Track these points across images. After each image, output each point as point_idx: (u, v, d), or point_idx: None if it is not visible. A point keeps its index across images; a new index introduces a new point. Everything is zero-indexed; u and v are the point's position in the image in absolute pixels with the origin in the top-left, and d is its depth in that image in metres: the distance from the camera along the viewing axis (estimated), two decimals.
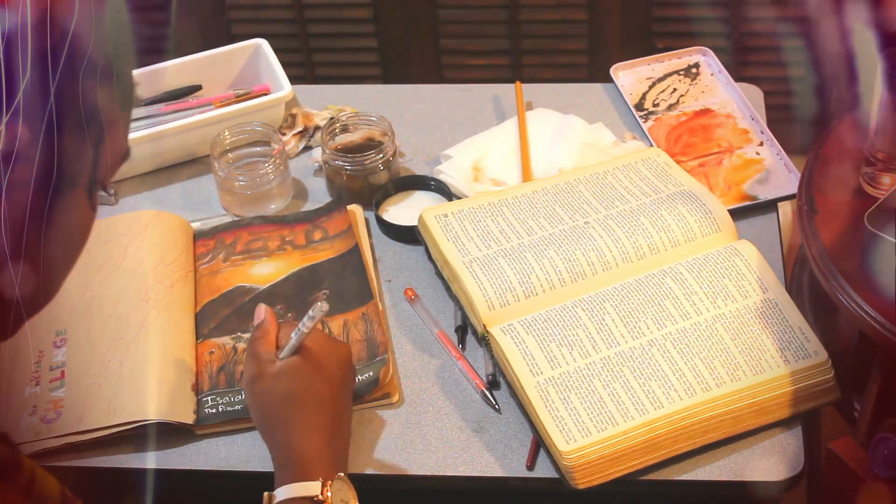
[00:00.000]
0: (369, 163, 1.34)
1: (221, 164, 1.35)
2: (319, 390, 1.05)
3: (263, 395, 1.06)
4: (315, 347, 1.07)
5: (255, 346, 1.08)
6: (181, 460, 1.12)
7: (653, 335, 1.14)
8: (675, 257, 1.22)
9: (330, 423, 1.04)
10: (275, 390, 1.05)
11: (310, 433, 1.03)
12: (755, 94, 1.49)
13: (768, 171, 1.37)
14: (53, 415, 1.14)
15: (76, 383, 1.16)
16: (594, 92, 1.51)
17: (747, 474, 1.08)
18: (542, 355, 1.12)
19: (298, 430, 1.03)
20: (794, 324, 1.15)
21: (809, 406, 1.12)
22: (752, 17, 2.23)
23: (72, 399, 1.15)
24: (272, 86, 1.46)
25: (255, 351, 1.08)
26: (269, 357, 1.07)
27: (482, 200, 1.29)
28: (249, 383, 1.07)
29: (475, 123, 1.47)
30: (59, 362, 1.18)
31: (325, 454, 1.02)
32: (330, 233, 1.31)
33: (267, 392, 1.06)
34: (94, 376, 1.16)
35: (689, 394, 1.10)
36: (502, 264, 1.21)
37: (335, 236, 1.31)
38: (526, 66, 2.34)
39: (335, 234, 1.31)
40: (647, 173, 1.31)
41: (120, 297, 1.23)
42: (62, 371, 1.18)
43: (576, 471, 1.06)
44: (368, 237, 1.32)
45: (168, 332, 1.20)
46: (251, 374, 1.07)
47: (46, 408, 1.15)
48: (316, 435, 1.03)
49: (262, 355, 1.07)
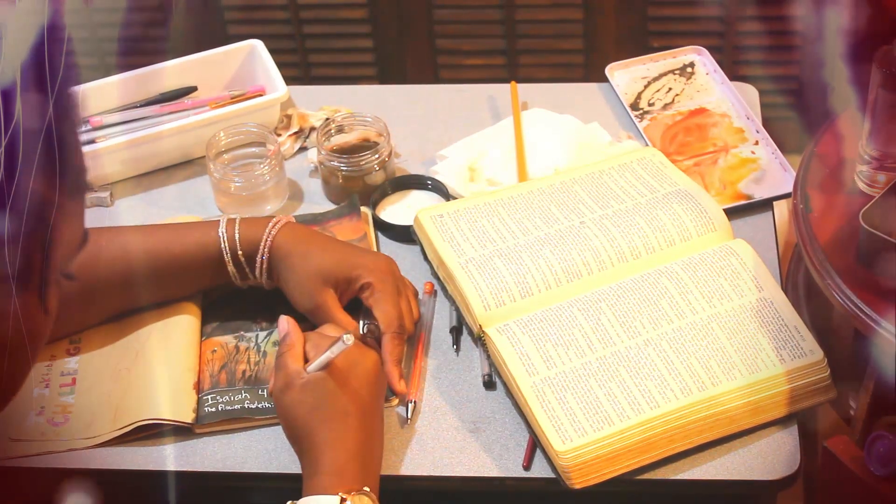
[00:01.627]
0: (365, 163, 1.34)
1: (217, 166, 1.35)
2: (345, 404, 1.05)
3: (290, 407, 1.06)
4: (341, 361, 1.07)
5: (283, 360, 1.09)
6: (178, 461, 1.12)
7: (649, 335, 1.14)
8: (670, 257, 1.22)
9: (356, 437, 1.04)
10: (301, 403, 1.06)
11: (334, 446, 1.03)
12: (750, 93, 1.49)
13: (763, 170, 1.37)
14: (61, 419, 1.15)
15: (86, 393, 1.16)
16: (589, 91, 1.51)
17: (743, 473, 1.09)
18: (538, 355, 1.13)
19: (323, 442, 1.03)
20: (790, 323, 1.15)
21: (805, 405, 1.13)
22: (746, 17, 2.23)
23: (81, 407, 1.15)
24: (267, 87, 1.46)
25: (282, 363, 1.09)
26: (296, 369, 1.07)
27: (478, 200, 1.29)
28: (278, 395, 1.08)
29: (471, 124, 1.47)
30: (72, 369, 1.19)
31: (350, 467, 1.02)
32: (338, 237, 1.30)
33: (294, 404, 1.06)
34: (104, 386, 1.17)
35: (685, 393, 1.10)
36: (498, 264, 1.21)
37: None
38: (521, 66, 2.34)
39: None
40: (642, 173, 1.31)
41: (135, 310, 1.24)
42: (73, 378, 1.18)
43: (572, 470, 1.06)
44: (375, 240, 1.32)
45: (173, 331, 1.20)
46: (279, 386, 1.08)
47: (54, 411, 1.15)
48: (340, 448, 1.03)
49: (289, 367, 1.07)
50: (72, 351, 1.20)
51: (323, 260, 1.17)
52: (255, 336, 1.22)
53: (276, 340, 1.21)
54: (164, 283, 1.20)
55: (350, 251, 1.20)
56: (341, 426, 1.04)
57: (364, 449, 1.05)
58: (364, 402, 1.07)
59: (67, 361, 1.19)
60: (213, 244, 1.18)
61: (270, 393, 1.10)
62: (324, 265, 1.17)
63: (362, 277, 1.17)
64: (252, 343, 1.21)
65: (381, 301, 1.16)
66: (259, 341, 1.21)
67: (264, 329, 1.22)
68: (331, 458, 1.03)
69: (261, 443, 1.13)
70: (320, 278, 1.16)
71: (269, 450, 1.13)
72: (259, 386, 1.16)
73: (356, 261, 1.18)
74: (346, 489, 1.00)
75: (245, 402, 1.15)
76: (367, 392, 1.07)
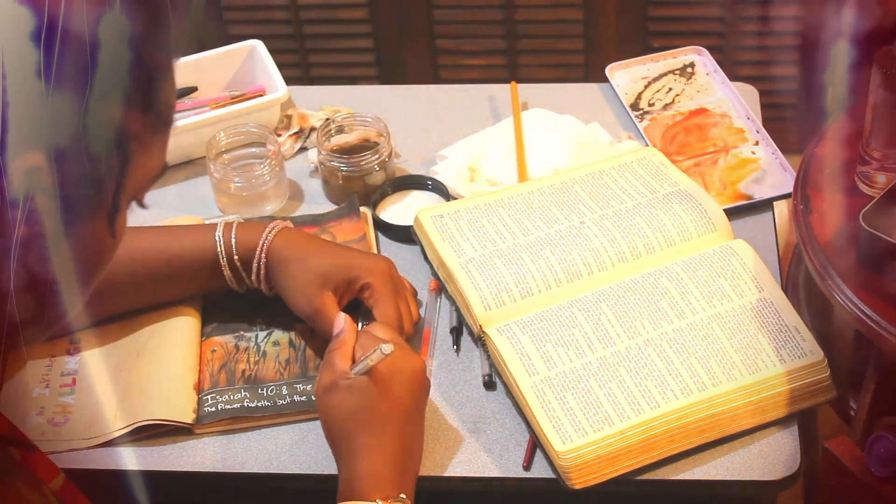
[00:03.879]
0: (365, 164, 1.34)
1: (217, 166, 1.35)
2: (386, 410, 1.04)
3: (332, 408, 1.06)
4: (385, 367, 1.06)
5: (332, 357, 1.08)
6: (177, 461, 1.12)
7: (649, 335, 1.14)
8: (670, 257, 1.22)
9: (395, 443, 1.04)
10: (343, 405, 1.05)
11: (372, 452, 1.03)
12: (750, 93, 1.49)
13: (764, 171, 1.37)
14: (61, 419, 1.15)
15: (87, 392, 1.16)
16: (590, 92, 1.51)
17: (744, 473, 1.08)
18: (539, 355, 1.13)
19: (362, 448, 1.03)
20: (790, 323, 1.15)
21: (806, 405, 1.13)
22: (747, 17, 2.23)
23: (81, 407, 1.15)
24: (268, 87, 1.46)
25: (330, 361, 1.08)
26: (342, 370, 1.06)
27: (478, 201, 1.29)
28: (321, 393, 1.07)
29: (471, 124, 1.47)
30: (72, 369, 1.19)
31: (388, 473, 1.02)
32: (338, 238, 1.30)
33: (336, 406, 1.05)
34: (104, 387, 1.17)
35: (686, 393, 1.10)
36: (498, 265, 1.21)
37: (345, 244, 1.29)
38: (521, 66, 2.34)
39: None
40: (642, 173, 1.31)
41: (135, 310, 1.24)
42: (73, 378, 1.18)
43: (572, 471, 1.06)
44: (375, 240, 1.32)
45: (174, 332, 1.20)
46: (325, 385, 1.07)
47: (55, 411, 1.15)
48: (378, 454, 1.03)
49: (336, 367, 1.07)
50: (72, 351, 1.21)
51: (320, 263, 1.17)
52: (255, 336, 1.22)
53: (276, 340, 1.21)
54: (161, 285, 1.20)
55: (348, 253, 1.20)
56: (381, 432, 1.03)
57: (402, 456, 1.04)
58: (406, 408, 1.06)
59: (67, 361, 1.19)
60: (209, 249, 1.18)
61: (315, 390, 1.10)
62: (321, 269, 1.16)
63: (361, 278, 1.17)
64: (252, 343, 1.21)
65: (380, 302, 1.16)
66: (259, 341, 1.21)
67: (264, 329, 1.22)
68: (368, 463, 1.02)
69: (261, 443, 1.13)
70: (318, 282, 1.16)
71: (269, 450, 1.13)
72: (258, 385, 1.16)
73: (354, 262, 1.18)
74: (382, 496, 1.00)
75: (244, 401, 1.15)
76: (409, 398, 1.06)
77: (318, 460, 1.12)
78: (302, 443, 1.13)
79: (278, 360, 1.19)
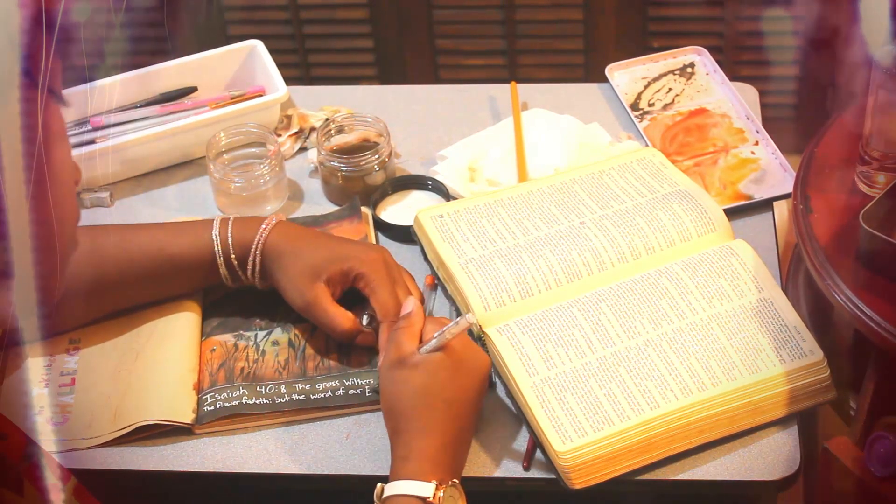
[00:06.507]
0: (365, 164, 1.34)
1: (217, 166, 1.35)
2: (452, 391, 1.05)
3: (398, 383, 1.06)
4: (458, 349, 1.06)
5: (399, 335, 1.08)
6: (177, 461, 1.12)
7: (649, 335, 1.14)
8: (670, 257, 1.22)
9: (454, 427, 1.04)
10: (410, 381, 1.05)
11: (432, 432, 1.03)
12: (750, 93, 1.49)
13: (763, 171, 1.37)
14: (60, 419, 1.15)
15: (86, 393, 1.16)
16: (590, 92, 1.51)
17: (743, 473, 1.09)
18: (538, 355, 1.13)
19: (423, 426, 1.03)
20: (790, 323, 1.15)
21: (805, 405, 1.13)
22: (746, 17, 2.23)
23: (80, 407, 1.15)
24: (267, 87, 1.46)
25: (398, 339, 1.08)
26: (410, 348, 1.07)
27: (478, 201, 1.29)
28: (388, 369, 1.07)
29: (471, 124, 1.47)
30: (71, 369, 1.19)
31: (443, 456, 1.02)
32: None
33: (403, 381, 1.06)
34: (104, 387, 1.17)
35: (685, 393, 1.10)
36: (498, 265, 1.21)
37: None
38: (521, 66, 2.34)
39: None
40: (642, 173, 1.31)
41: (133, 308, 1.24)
42: (73, 378, 1.18)
43: (572, 471, 1.06)
44: (375, 240, 1.32)
45: (174, 331, 1.20)
46: (391, 359, 1.07)
47: (54, 411, 1.15)
48: (438, 435, 1.03)
49: (404, 344, 1.07)
50: (71, 350, 1.20)
51: (314, 256, 1.17)
52: (255, 335, 1.22)
53: (275, 340, 1.21)
54: (158, 282, 1.20)
55: (340, 244, 1.20)
56: (442, 415, 1.04)
57: (458, 441, 1.05)
58: (468, 395, 1.06)
59: (67, 361, 1.19)
60: (206, 246, 1.19)
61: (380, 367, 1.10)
62: (315, 261, 1.17)
63: (355, 269, 1.17)
64: (251, 342, 1.21)
65: (376, 290, 1.17)
66: (258, 340, 1.21)
67: (263, 329, 1.22)
68: (426, 444, 1.02)
69: (261, 443, 1.13)
70: (311, 275, 1.16)
71: (269, 450, 1.13)
72: (257, 383, 1.16)
73: (347, 253, 1.18)
74: (438, 478, 1.00)
75: (243, 398, 1.15)
76: (474, 388, 1.07)
77: (318, 460, 1.12)
78: (302, 443, 1.13)
79: (277, 360, 1.19)
